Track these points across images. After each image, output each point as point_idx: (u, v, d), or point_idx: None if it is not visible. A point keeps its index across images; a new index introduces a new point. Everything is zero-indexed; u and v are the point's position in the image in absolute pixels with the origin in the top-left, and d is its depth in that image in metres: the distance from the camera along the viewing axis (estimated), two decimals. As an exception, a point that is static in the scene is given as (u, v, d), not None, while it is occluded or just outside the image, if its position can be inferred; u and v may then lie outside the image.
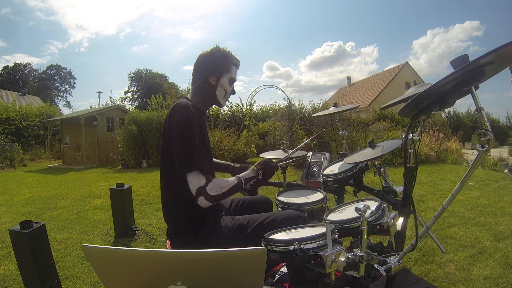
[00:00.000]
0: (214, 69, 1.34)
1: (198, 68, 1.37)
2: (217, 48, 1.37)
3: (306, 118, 9.20)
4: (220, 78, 1.35)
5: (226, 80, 1.37)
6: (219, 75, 1.35)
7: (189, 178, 1.16)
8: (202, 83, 1.36)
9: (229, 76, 1.38)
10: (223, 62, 1.35)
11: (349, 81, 26.36)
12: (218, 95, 1.38)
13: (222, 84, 1.36)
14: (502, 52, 0.75)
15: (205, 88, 1.37)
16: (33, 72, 35.95)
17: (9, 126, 13.46)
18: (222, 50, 1.37)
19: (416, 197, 4.06)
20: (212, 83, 1.35)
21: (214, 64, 1.34)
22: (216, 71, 1.34)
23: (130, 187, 3.25)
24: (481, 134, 0.86)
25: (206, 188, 1.15)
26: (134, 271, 0.73)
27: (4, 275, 2.35)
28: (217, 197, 1.17)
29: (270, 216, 1.36)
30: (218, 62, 1.35)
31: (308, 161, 2.29)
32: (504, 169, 6.17)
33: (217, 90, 1.37)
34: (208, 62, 1.35)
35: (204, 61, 1.36)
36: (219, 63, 1.35)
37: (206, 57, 1.36)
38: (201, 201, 1.15)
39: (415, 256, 2.35)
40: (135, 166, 9.24)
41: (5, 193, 5.86)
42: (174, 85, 27.18)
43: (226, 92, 1.39)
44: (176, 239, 1.34)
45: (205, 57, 1.36)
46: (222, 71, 1.35)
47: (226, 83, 1.37)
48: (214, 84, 1.35)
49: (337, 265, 1.00)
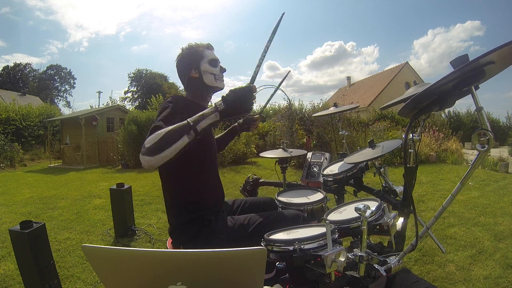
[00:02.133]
0: (190, 64, 1.37)
1: (179, 72, 1.43)
2: (183, 48, 1.42)
3: (306, 118, 9.20)
4: (200, 67, 1.37)
5: (206, 65, 1.38)
6: (197, 66, 1.37)
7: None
8: (189, 82, 1.40)
9: (207, 60, 1.38)
10: (193, 54, 1.39)
11: (349, 81, 26.36)
12: (208, 82, 1.39)
13: (205, 70, 1.37)
14: (502, 51, 0.74)
15: (193, 84, 1.40)
16: (33, 72, 36.02)
17: (9, 126, 13.46)
18: (188, 45, 1.41)
19: (416, 197, 4.06)
20: (196, 75, 1.38)
21: (187, 60, 1.38)
22: (193, 65, 1.37)
23: (130, 187, 3.25)
24: (481, 134, 0.85)
25: (145, 142, 0.95)
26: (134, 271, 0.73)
27: (4, 275, 2.35)
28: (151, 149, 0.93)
29: (270, 215, 1.36)
30: (189, 57, 1.39)
31: (308, 161, 2.29)
32: (504, 169, 6.18)
33: (204, 78, 1.38)
34: (183, 62, 1.40)
35: (180, 63, 1.41)
36: (190, 57, 1.38)
37: (179, 60, 1.41)
38: (142, 159, 0.94)
39: (415, 256, 2.35)
40: (135, 166, 9.23)
41: (5, 193, 5.86)
42: (174, 85, 27.13)
43: (214, 74, 1.40)
44: (177, 238, 1.34)
45: (179, 60, 1.41)
46: (197, 60, 1.37)
47: (207, 67, 1.38)
48: (198, 76, 1.38)
49: (337, 265, 1.00)
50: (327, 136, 7.90)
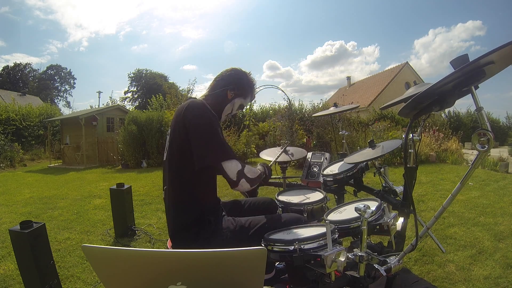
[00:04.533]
0: (237, 87, 1.45)
1: (226, 78, 1.47)
2: (249, 73, 1.51)
3: (306, 118, 9.21)
4: (236, 97, 1.47)
5: (239, 102, 1.48)
6: (238, 94, 1.46)
7: (226, 165, 1.20)
8: (221, 93, 1.45)
9: (242, 101, 1.50)
10: (247, 87, 1.48)
11: (349, 81, 26.36)
12: (225, 109, 1.47)
13: (234, 103, 1.47)
14: (502, 52, 0.75)
15: (220, 98, 1.45)
16: (33, 72, 35.99)
17: (9, 126, 13.45)
18: (252, 78, 1.51)
19: (416, 197, 4.06)
20: (229, 97, 1.45)
21: (240, 83, 1.46)
22: (238, 90, 1.45)
23: (130, 187, 3.25)
24: (481, 134, 0.85)
25: (244, 171, 1.22)
26: (134, 271, 0.73)
27: (4, 275, 2.35)
28: (253, 180, 1.25)
29: (272, 218, 1.36)
30: (244, 84, 1.47)
31: (308, 161, 2.29)
32: (504, 169, 6.18)
33: (227, 105, 1.46)
34: (237, 79, 1.46)
35: (235, 75, 1.47)
36: (244, 85, 1.47)
37: (238, 73, 1.48)
38: (242, 184, 1.20)
39: (415, 256, 2.35)
40: (135, 166, 9.24)
41: (5, 193, 5.86)
42: (174, 85, 27.12)
43: (231, 111, 1.50)
44: (177, 239, 1.34)
45: (238, 73, 1.48)
46: (242, 93, 1.47)
47: (237, 104, 1.49)
48: (229, 98, 1.45)
49: (337, 265, 1.00)
50: (327, 136, 7.90)
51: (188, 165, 1.25)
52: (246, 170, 1.23)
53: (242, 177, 1.20)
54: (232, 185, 1.22)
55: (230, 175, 1.19)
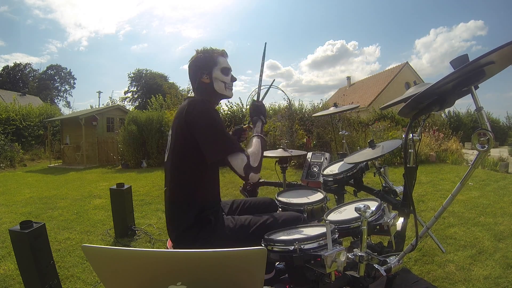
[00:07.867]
0: (202, 69, 1.40)
1: (191, 74, 1.44)
2: (198, 50, 1.44)
3: (306, 118, 9.20)
4: (212, 74, 1.40)
5: (218, 72, 1.41)
6: (209, 71, 1.40)
7: (231, 160, 1.21)
8: (199, 86, 1.42)
9: (220, 67, 1.41)
10: (207, 58, 1.41)
11: (349, 81, 26.36)
12: (218, 89, 1.42)
13: (216, 77, 1.40)
14: (502, 52, 0.74)
15: (204, 89, 1.42)
16: (33, 72, 35.96)
17: (9, 126, 13.45)
18: (203, 49, 1.43)
19: (416, 197, 4.06)
20: (207, 81, 1.40)
21: (200, 64, 1.40)
22: (205, 70, 1.40)
23: (130, 187, 3.25)
24: (481, 134, 0.85)
25: (250, 163, 1.22)
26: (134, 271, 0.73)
27: (4, 275, 2.35)
28: (259, 165, 1.26)
29: (271, 217, 1.36)
30: (203, 61, 1.40)
31: (308, 161, 2.29)
32: (504, 169, 6.18)
33: (215, 85, 1.41)
34: (195, 65, 1.42)
35: (192, 66, 1.43)
36: (204, 61, 1.40)
37: (193, 62, 1.43)
38: (252, 177, 1.21)
39: (415, 256, 2.35)
40: (135, 166, 9.24)
41: (5, 193, 5.86)
42: (174, 85, 27.16)
43: (225, 82, 1.43)
44: (177, 239, 1.34)
45: (192, 62, 1.43)
46: (210, 66, 1.40)
47: (219, 75, 1.41)
48: (209, 82, 1.41)
49: (337, 265, 1.00)
50: (327, 136, 7.89)
51: (190, 165, 1.25)
52: (251, 161, 1.23)
53: (250, 171, 1.21)
54: (243, 179, 1.25)
55: (238, 171, 1.21)
